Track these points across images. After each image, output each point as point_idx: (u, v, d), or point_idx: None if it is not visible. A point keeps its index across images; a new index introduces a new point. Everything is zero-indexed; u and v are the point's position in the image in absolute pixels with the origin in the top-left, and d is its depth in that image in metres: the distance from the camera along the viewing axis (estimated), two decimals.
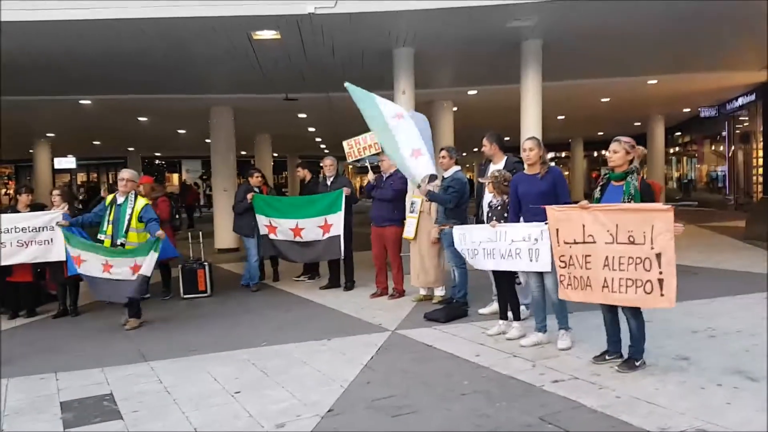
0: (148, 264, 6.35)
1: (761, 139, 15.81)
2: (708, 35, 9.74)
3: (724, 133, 19.48)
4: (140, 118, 16.59)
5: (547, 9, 7.85)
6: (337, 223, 7.85)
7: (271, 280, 9.15)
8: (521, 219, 5.31)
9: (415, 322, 6.32)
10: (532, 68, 9.62)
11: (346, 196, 7.85)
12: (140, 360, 5.41)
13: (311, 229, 7.99)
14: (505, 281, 5.66)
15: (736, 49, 11.11)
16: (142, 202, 6.60)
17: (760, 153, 15.96)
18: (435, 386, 4.38)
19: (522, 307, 5.82)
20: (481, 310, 6.55)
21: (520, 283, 5.83)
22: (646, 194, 4.49)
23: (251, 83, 11.99)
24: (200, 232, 9.14)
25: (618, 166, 4.99)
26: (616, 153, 5.04)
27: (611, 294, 4.41)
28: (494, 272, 5.80)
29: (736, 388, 4.06)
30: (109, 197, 6.68)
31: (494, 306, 6.43)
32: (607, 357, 4.72)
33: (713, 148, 21.74)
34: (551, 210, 4.82)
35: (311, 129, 20.25)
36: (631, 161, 4.59)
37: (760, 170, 15.94)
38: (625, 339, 4.67)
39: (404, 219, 7.52)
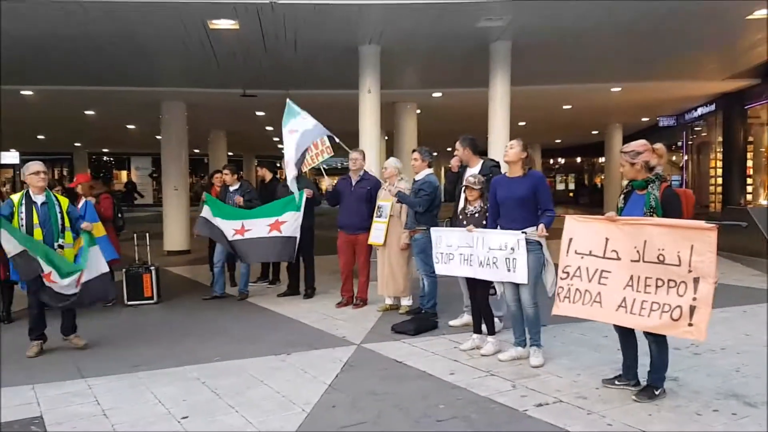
0: (94, 265, 5.67)
1: (720, 149, 15.93)
2: (673, 44, 9.64)
3: (681, 143, 19.68)
4: (87, 112, 15.70)
5: (520, 8, 7.59)
6: (291, 222, 7.26)
7: (229, 285, 8.53)
8: (498, 226, 4.96)
9: (382, 335, 5.88)
10: (500, 70, 9.36)
11: (307, 198, 7.35)
12: (76, 376, 4.83)
13: (258, 227, 7.38)
14: (480, 292, 5.27)
15: (699, 59, 11.11)
16: (63, 198, 5.86)
17: (719, 163, 16.08)
18: (409, 411, 3.95)
19: (495, 320, 5.45)
20: (452, 322, 6.16)
21: (494, 294, 5.44)
22: (670, 207, 3.90)
23: (206, 77, 11.33)
24: (147, 233, 8.51)
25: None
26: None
27: (628, 316, 3.92)
28: (468, 283, 5.43)
29: (735, 414, 3.77)
30: (17, 196, 5.62)
31: (465, 318, 6.07)
32: (617, 382, 4.27)
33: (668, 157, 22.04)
34: (571, 219, 4.39)
35: (269, 128, 19.60)
36: (651, 169, 4.01)
37: (719, 180, 16.06)
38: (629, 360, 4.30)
39: None
